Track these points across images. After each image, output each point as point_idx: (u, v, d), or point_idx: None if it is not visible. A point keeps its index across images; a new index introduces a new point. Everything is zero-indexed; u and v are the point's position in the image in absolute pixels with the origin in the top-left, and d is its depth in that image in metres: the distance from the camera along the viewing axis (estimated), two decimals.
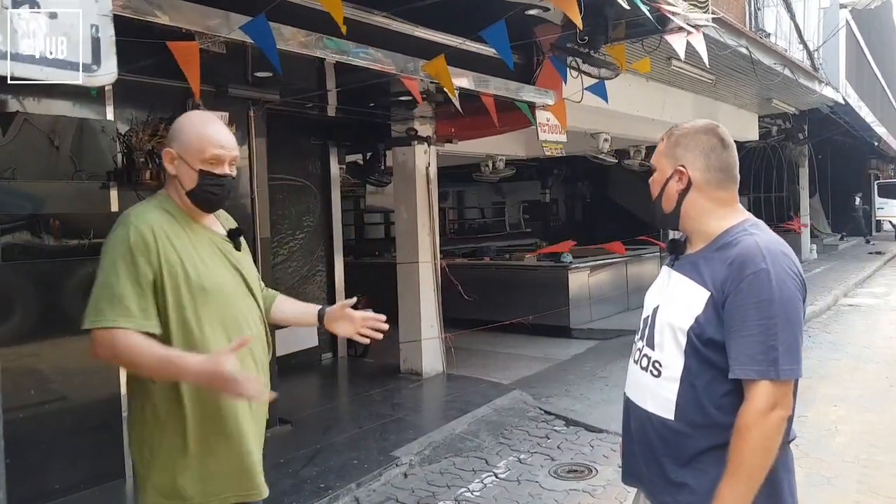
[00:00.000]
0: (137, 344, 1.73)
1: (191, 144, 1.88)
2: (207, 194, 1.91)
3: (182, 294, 1.83)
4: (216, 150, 1.89)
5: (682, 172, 1.71)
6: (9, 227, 3.87)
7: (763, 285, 1.54)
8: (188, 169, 1.88)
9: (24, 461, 3.73)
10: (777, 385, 1.52)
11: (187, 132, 1.89)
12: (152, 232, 1.81)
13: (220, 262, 1.95)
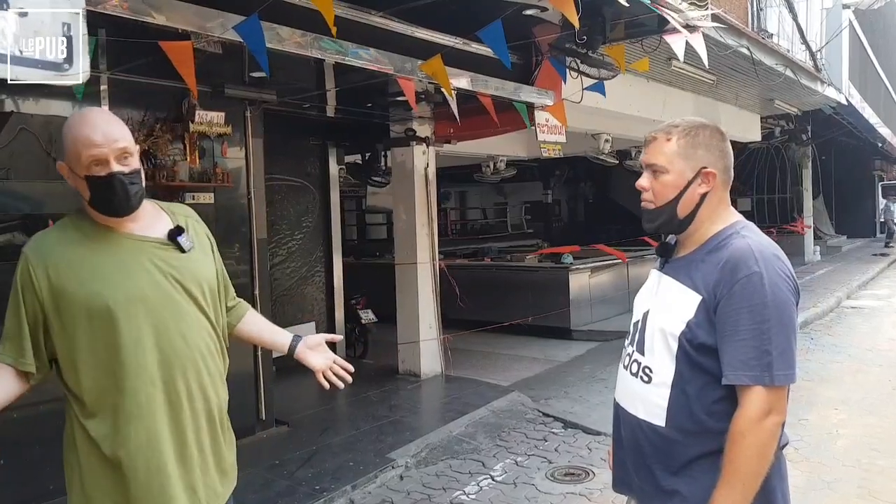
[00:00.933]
0: None
1: (69, 153, 1.68)
2: (105, 199, 1.70)
3: (79, 319, 1.68)
4: (91, 152, 1.65)
5: (710, 174, 1.63)
6: (4, 228, 3.85)
7: (756, 289, 1.51)
8: (78, 179, 1.69)
9: (20, 462, 3.72)
10: (771, 391, 1.49)
11: (65, 141, 1.69)
12: (43, 261, 1.69)
13: (142, 273, 1.74)
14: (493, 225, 18.63)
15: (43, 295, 1.69)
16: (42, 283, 1.68)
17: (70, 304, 1.68)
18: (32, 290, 1.69)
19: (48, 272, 1.68)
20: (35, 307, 1.70)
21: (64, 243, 1.73)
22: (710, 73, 7.87)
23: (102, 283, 1.69)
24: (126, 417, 1.70)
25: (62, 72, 1.38)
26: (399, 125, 6.86)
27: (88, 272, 1.70)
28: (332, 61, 4.16)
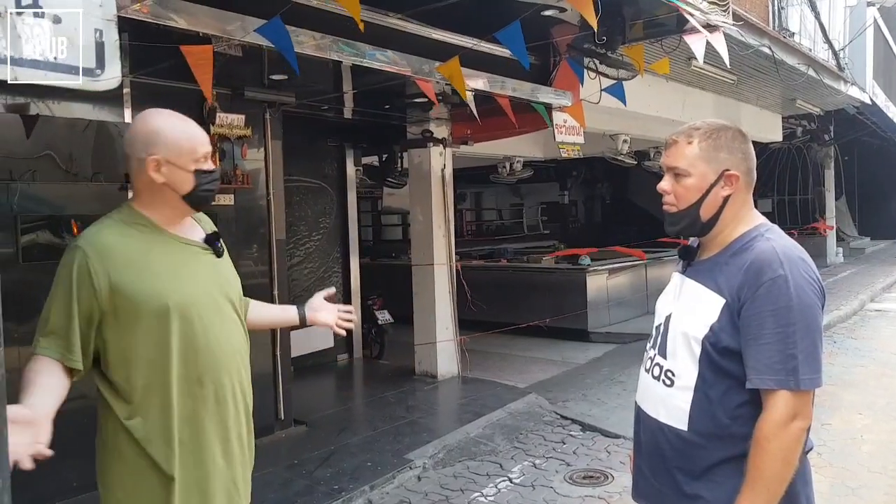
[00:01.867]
0: (27, 378, 1.62)
1: (181, 147, 1.76)
2: (206, 192, 1.82)
3: (135, 316, 1.70)
4: (206, 148, 1.81)
5: (733, 176, 1.62)
6: (29, 228, 3.91)
7: (781, 292, 1.49)
8: (182, 172, 1.76)
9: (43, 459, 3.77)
10: (797, 395, 1.48)
11: (171, 133, 1.76)
12: (101, 255, 1.68)
13: (192, 275, 1.81)
14: (509, 226, 18.61)
15: (102, 291, 1.67)
16: (101, 280, 1.67)
17: (129, 301, 1.69)
18: (90, 285, 1.66)
19: (108, 268, 1.68)
20: (91, 303, 1.67)
21: (121, 240, 1.73)
22: (730, 72, 7.80)
23: (161, 284, 1.72)
24: (175, 416, 1.73)
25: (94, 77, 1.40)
26: (416, 127, 6.87)
27: (147, 271, 1.72)
28: (349, 63, 4.18)
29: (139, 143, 1.77)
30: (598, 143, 8.48)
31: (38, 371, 1.63)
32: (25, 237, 3.89)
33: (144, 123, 1.80)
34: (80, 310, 1.66)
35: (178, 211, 1.83)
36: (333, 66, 4.80)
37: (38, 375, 1.63)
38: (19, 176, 3.78)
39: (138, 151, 1.76)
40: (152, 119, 1.81)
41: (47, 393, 1.61)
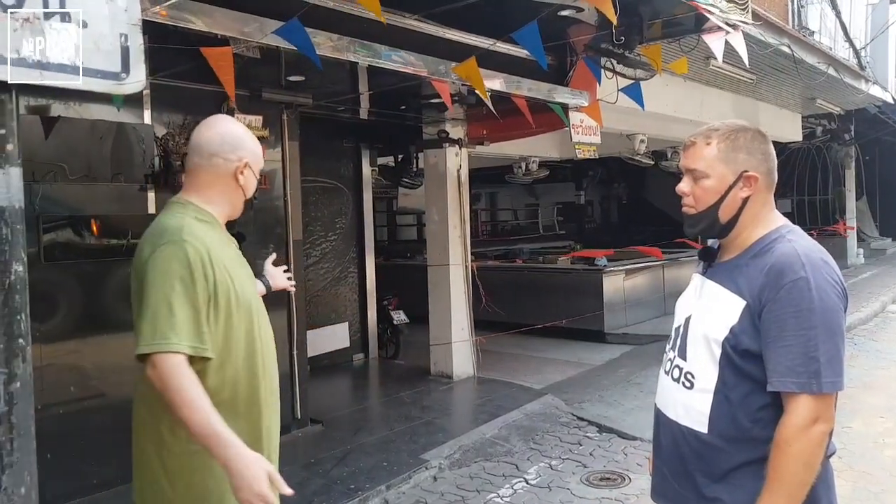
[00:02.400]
0: (194, 389, 1.64)
1: (257, 154, 1.91)
2: (254, 199, 2.03)
3: (229, 308, 1.79)
4: (262, 161, 1.97)
5: (752, 178, 1.61)
6: (50, 228, 3.96)
7: (802, 294, 1.48)
8: (253, 178, 1.91)
9: (64, 456, 3.82)
10: (818, 398, 1.46)
11: (252, 142, 1.91)
12: (207, 252, 1.75)
13: (244, 271, 1.94)
14: (525, 226, 18.57)
15: (211, 281, 1.74)
16: (209, 271, 1.73)
17: (225, 293, 1.77)
18: (204, 276, 1.72)
19: (212, 260, 1.75)
20: (206, 293, 1.72)
21: (206, 233, 1.81)
22: (749, 72, 7.72)
23: (236, 277, 1.83)
24: (260, 407, 1.85)
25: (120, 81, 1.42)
26: (432, 127, 6.88)
27: (229, 266, 1.82)
28: (365, 64, 4.20)
29: (228, 146, 1.85)
30: (615, 143, 8.43)
31: (189, 377, 1.65)
32: (47, 237, 3.94)
33: (229, 128, 1.91)
34: (201, 300, 1.71)
35: (235, 211, 1.94)
36: (350, 68, 4.82)
37: (194, 383, 1.65)
38: (41, 177, 3.83)
39: (226, 153, 1.84)
40: (233, 125, 1.93)
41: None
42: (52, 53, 1.36)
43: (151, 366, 1.66)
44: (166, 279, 1.68)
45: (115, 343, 4.24)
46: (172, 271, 1.68)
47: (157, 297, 1.67)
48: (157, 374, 1.65)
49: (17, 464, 1.41)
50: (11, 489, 1.40)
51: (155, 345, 1.64)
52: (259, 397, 1.87)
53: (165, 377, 1.64)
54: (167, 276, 1.68)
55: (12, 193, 1.38)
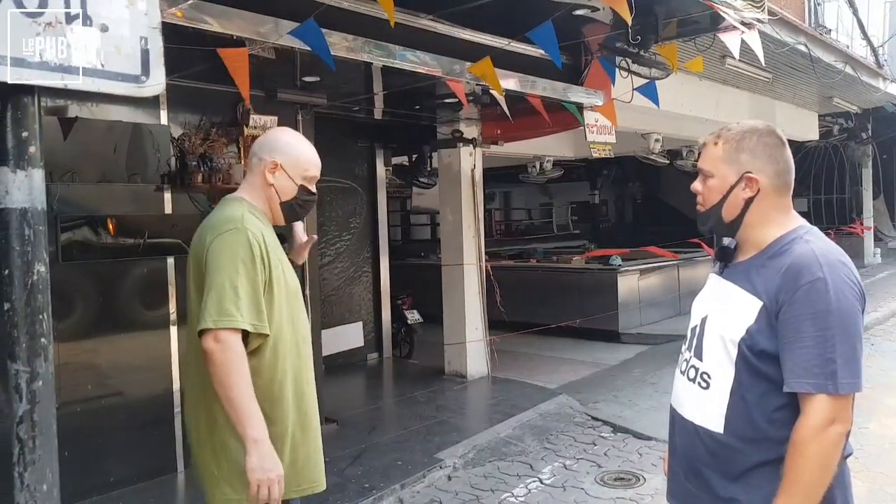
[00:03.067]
0: (245, 368, 1.81)
1: (298, 160, 2.02)
2: (299, 207, 2.07)
3: (280, 294, 1.95)
4: (316, 171, 2.07)
5: (753, 179, 1.61)
6: (68, 228, 4.01)
7: (820, 295, 1.47)
8: (289, 182, 2.02)
9: (82, 454, 3.87)
10: (835, 399, 1.45)
11: (294, 147, 2.03)
12: (263, 239, 1.91)
13: (289, 264, 2.09)
14: (539, 226, 18.52)
15: (267, 267, 1.90)
16: (265, 257, 1.90)
17: (277, 279, 1.94)
18: (262, 260, 1.88)
19: (268, 248, 1.92)
20: (264, 276, 1.89)
21: (263, 230, 1.96)
22: (765, 70, 7.66)
23: (285, 273, 1.99)
24: (301, 385, 2.02)
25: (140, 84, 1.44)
26: (446, 127, 6.88)
27: (278, 261, 1.97)
28: (380, 65, 4.21)
29: (267, 146, 2.04)
30: (630, 143, 8.39)
31: (245, 359, 1.82)
32: (64, 236, 3.98)
33: (277, 133, 2.12)
34: (260, 282, 1.87)
35: (274, 214, 2.07)
36: (364, 68, 4.83)
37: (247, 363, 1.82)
38: (59, 177, 3.87)
39: (263, 153, 2.02)
40: (286, 132, 2.13)
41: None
42: (74, 57, 1.38)
43: (215, 339, 1.80)
44: (231, 262, 1.84)
45: (132, 342, 4.29)
46: (236, 255, 1.84)
47: (221, 278, 1.83)
48: (220, 348, 1.79)
49: (39, 461, 1.43)
50: (34, 486, 1.42)
51: (221, 321, 1.79)
52: (304, 378, 2.04)
53: (227, 351, 1.79)
54: (232, 259, 1.84)
55: (34, 195, 1.41)
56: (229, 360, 1.78)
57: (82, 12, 1.38)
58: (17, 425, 1.42)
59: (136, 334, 4.32)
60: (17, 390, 1.42)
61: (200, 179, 4.40)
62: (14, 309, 1.42)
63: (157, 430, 4.34)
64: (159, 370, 4.33)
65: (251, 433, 1.78)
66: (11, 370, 1.42)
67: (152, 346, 4.33)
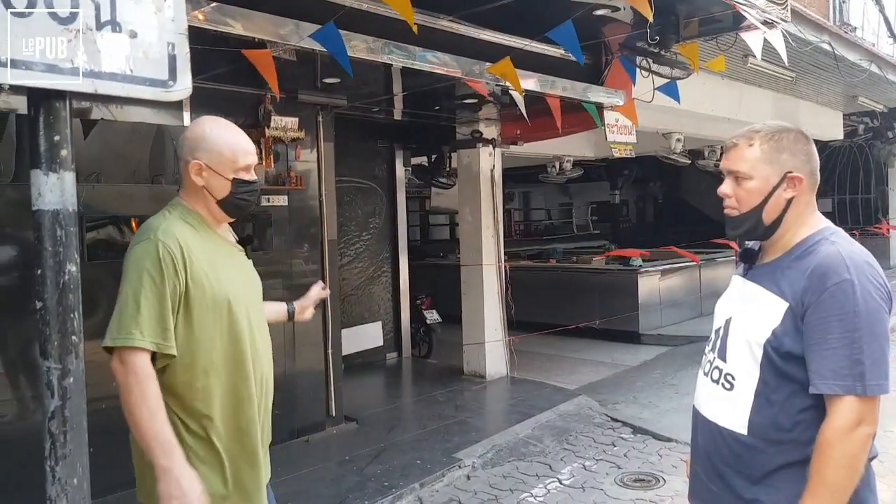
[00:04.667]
0: (151, 388, 1.70)
1: (222, 154, 1.85)
2: (241, 201, 1.91)
3: (205, 307, 1.80)
4: (248, 159, 1.90)
5: (795, 178, 1.59)
6: (93, 228, 4.08)
7: (847, 296, 1.46)
8: (220, 179, 1.86)
9: (107, 450, 3.93)
10: (863, 401, 1.45)
11: (215, 141, 1.86)
12: (179, 247, 1.77)
13: (236, 272, 1.94)
14: (558, 226, 18.47)
15: (183, 279, 1.75)
16: (181, 268, 1.75)
17: (201, 291, 1.79)
18: (175, 272, 1.74)
19: (185, 258, 1.77)
20: (176, 290, 1.74)
21: (187, 233, 1.83)
22: (788, 69, 7.58)
23: (220, 277, 1.84)
24: (239, 402, 1.86)
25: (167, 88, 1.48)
26: (465, 127, 6.90)
27: (209, 264, 1.83)
28: (400, 66, 4.23)
29: (187, 147, 1.87)
30: (651, 142, 8.35)
31: (151, 376, 1.71)
32: (90, 236, 4.05)
33: (194, 129, 1.91)
34: (169, 295, 1.73)
35: (214, 215, 1.92)
36: (384, 69, 4.86)
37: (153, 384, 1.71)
38: (84, 179, 3.94)
39: (185, 154, 1.87)
40: (201, 125, 1.91)
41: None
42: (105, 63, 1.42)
43: (117, 360, 1.71)
44: (136, 275, 1.73)
45: None
46: (142, 268, 1.72)
47: (125, 292, 1.73)
48: (123, 370, 1.70)
49: (70, 456, 1.46)
50: (65, 480, 1.46)
51: (119, 339, 1.70)
52: (243, 395, 1.88)
53: (129, 374, 1.69)
54: (137, 272, 1.73)
55: (66, 197, 1.44)
56: (130, 384, 1.68)
57: (112, 19, 1.42)
58: (48, 421, 1.46)
59: None
60: (48, 387, 1.45)
61: None
62: (46, 308, 1.46)
63: None
64: None
65: (159, 461, 1.68)
66: (43, 367, 1.46)
67: None
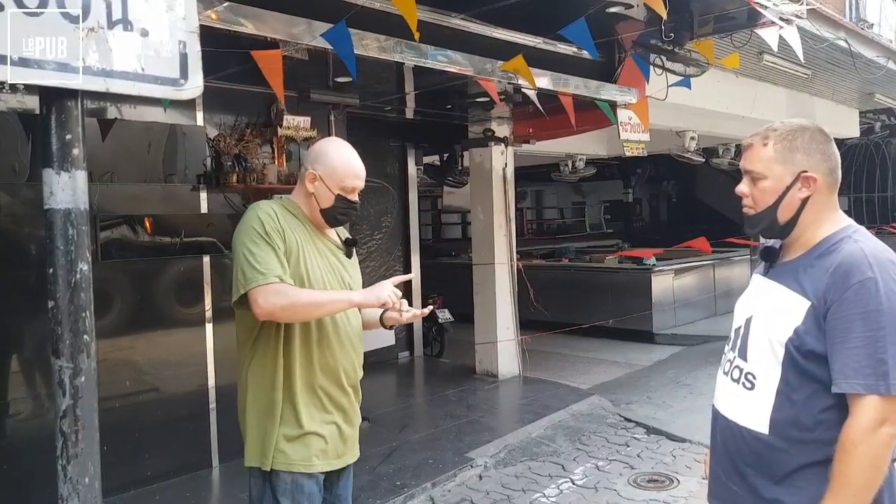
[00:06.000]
0: (296, 291, 1.93)
1: (335, 171, 2.09)
2: (339, 215, 2.14)
3: (296, 274, 1.99)
4: (355, 182, 2.13)
5: (809, 178, 1.59)
6: (106, 227, 4.10)
7: (870, 295, 1.45)
8: (327, 191, 2.09)
9: (120, 448, 3.96)
10: (887, 400, 1.43)
11: (332, 158, 2.11)
12: (276, 215, 2.02)
13: (328, 267, 2.12)
14: (571, 225, 18.41)
15: (283, 233, 2.00)
16: (280, 225, 2.01)
17: (294, 257, 2.02)
18: (275, 226, 1.99)
19: (281, 221, 2.02)
20: (280, 240, 1.98)
21: (285, 215, 2.07)
22: (804, 67, 7.50)
23: (305, 257, 2.04)
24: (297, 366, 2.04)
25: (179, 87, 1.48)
26: (477, 126, 6.88)
27: (299, 243, 2.04)
28: (412, 65, 4.22)
29: (311, 157, 2.15)
30: (665, 141, 8.28)
31: (286, 287, 1.92)
32: (103, 235, 4.08)
33: (322, 143, 2.21)
34: (279, 245, 1.97)
35: (315, 218, 2.15)
36: (396, 68, 4.85)
37: (290, 288, 1.94)
38: (98, 178, 3.97)
39: (307, 162, 2.15)
40: (329, 142, 2.21)
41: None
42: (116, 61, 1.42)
43: (255, 305, 1.89)
44: (244, 234, 1.97)
45: (169, 339, 4.38)
46: (247, 228, 1.97)
47: (239, 250, 1.95)
48: (263, 308, 1.88)
49: (81, 454, 1.46)
50: (76, 479, 1.46)
51: (247, 284, 1.89)
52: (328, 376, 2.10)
53: (270, 303, 1.88)
54: (245, 232, 1.97)
55: (78, 196, 1.45)
56: (281, 305, 1.88)
57: (123, 17, 1.42)
58: (60, 420, 1.46)
59: (172, 331, 4.41)
60: (60, 386, 1.45)
61: (235, 179, 4.47)
62: (58, 307, 1.46)
63: (193, 426, 4.42)
64: (195, 366, 4.42)
65: (348, 305, 2.02)
66: (55, 366, 1.46)
67: (188, 343, 4.41)
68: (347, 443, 2.18)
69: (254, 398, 2.06)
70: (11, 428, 3.76)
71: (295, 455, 2.02)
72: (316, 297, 1.97)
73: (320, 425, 2.06)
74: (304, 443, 2.03)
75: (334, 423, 2.11)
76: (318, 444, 2.05)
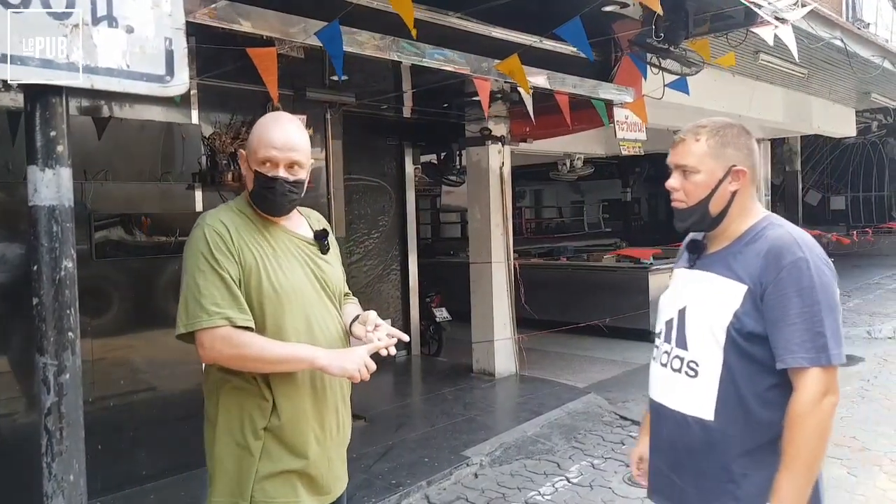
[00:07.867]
0: (248, 339, 1.69)
1: (250, 145, 1.83)
2: (262, 196, 1.84)
3: (261, 294, 1.78)
4: (268, 153, 1.80)
5: (740, 172, 1.67)
6: (101, 226, 4.10)
7: (802, 273, 1.54)
8: (249, 171, 1.85)
9: (115, 447, 3.96)
10: (827, 371, 1.52)
11: (252, 133, 1.85)
12: (227, 230, 1.77)
13: (297, 266, 1.88)
14: (569, 224, 18.41)
15: (236, 255, 1.75)
16: (232, 244, 1.75)
17: (247, 280, 1.76)
18: (226, 249, 1.74)
19: (233, 238, 1.77)
20: (232, 265, 1.74)
21: (237, 224, 1.81)
22: (800, 66, 7.50)
23: (270, 269, 1.80)
24: (281, 394, 1.80)
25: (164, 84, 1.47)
26: (475, 124, 6.87)
27: (258, 256, 1.80)
28: (409, 63, 4.22)
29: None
30: (662, 140, 8.24)
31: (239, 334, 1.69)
32: (98, 234, 4.07)
33: (258, 121, 1.91)
34: (230, 273, 1.72)
35: (254, 207, 1.88)
36: (393, 66, 4.85)
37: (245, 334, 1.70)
38: (92, 176, 3.96)
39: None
40: (262, 118, 1.90)
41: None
42: (101, 58, 1.41)
43: (200, 347, 1.71)
44: (190, 259, 1.74)
45: (165, 338, 4.36)
46: (194, 252, 1.74)
47: (186, 279, 1.73)
48: (208, 354, 1.71)
49: (66, 452, 1.46)
50: (61, 476, 1.46)
51: (190, 325, 1.69)
52: (304, 387, 1.85)
53: (217, 351, 1.69)
54: (191, 256, 1.74)
55: (62, 193, 1.44)
56: (226, 355, 1.70)
57: (108, 14, 1.42)
58: (44, 417, 1.46)
59: (167, 330, 4.37)
60: (44, 383, 1.45)
61: (231, 178, 4.46)
62: (42, 304, 1.45)
63: (188, 425, 4.41)
64: (190, 366, 4.40)
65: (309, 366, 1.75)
66: (40, 363, 1.46)
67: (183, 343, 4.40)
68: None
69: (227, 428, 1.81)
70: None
71: (275, 492, 1.81)
72: (269, 353, 1.71)
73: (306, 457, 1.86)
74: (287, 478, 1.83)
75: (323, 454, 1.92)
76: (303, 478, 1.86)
